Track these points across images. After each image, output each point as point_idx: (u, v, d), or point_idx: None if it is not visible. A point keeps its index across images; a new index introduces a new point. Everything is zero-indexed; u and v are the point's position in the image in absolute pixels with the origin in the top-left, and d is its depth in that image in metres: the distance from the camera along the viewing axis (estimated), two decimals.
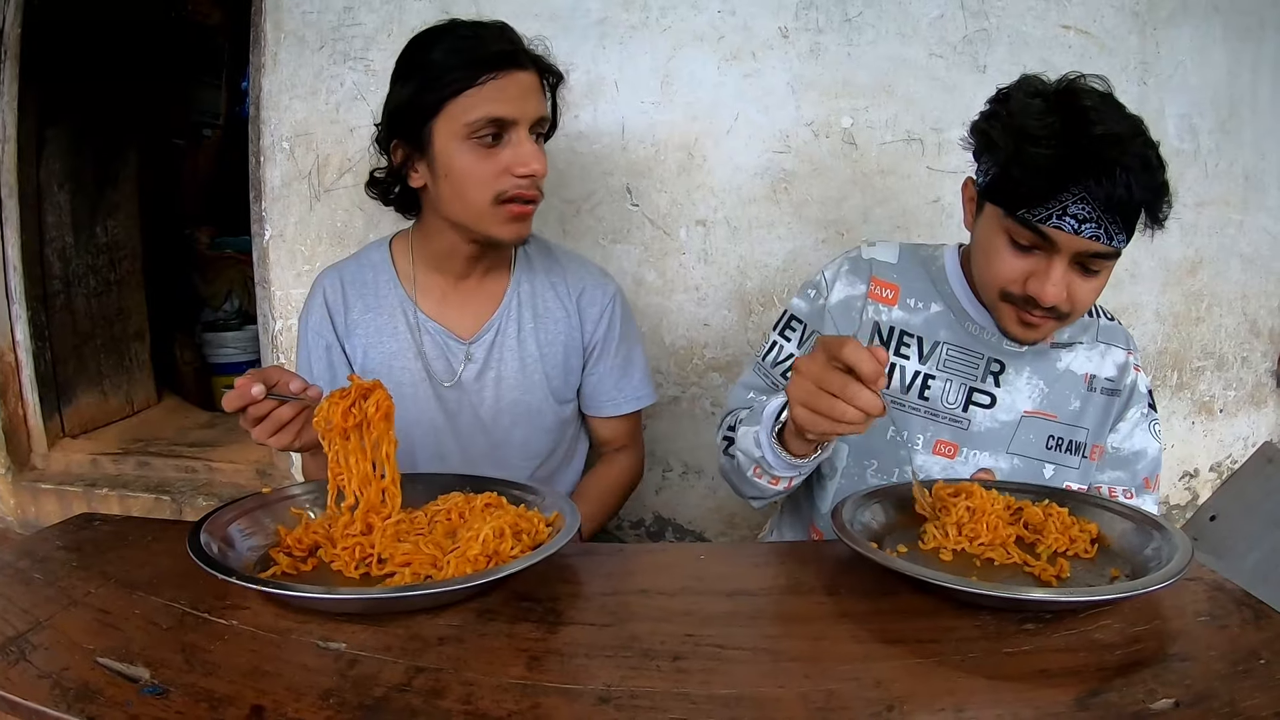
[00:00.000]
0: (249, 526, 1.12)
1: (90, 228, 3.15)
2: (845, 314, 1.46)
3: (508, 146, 1.39)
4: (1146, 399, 1.48)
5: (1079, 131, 1.15)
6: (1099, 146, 1.13)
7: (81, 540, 1.12)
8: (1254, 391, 2.80)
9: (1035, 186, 1.17)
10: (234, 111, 4.76)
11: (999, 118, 1.25)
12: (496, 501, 1.16)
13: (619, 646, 0.87)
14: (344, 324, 1.57)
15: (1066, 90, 1.22)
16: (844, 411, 1.01)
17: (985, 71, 2.24)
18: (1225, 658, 0.86)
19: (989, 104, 1.31)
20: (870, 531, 1.13)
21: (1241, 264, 2.65)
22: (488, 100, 1.36)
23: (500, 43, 1.39)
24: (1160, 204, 1.20)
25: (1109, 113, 1.18)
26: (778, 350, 1.51)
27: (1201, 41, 2.47)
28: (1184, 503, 2.76)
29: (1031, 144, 1.17)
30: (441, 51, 1.38)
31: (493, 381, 1.58)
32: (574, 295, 1.62)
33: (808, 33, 2.17)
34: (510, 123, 1.38)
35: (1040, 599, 0.94)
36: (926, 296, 1.45)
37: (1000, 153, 1.23)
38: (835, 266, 1.50)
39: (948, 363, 1.42)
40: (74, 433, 3.06)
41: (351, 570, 1.04)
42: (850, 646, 0.88)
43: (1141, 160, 1.14)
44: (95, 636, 0.86)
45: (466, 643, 0.88)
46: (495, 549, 1.02)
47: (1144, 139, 1.17)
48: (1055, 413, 1.42)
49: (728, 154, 2.21)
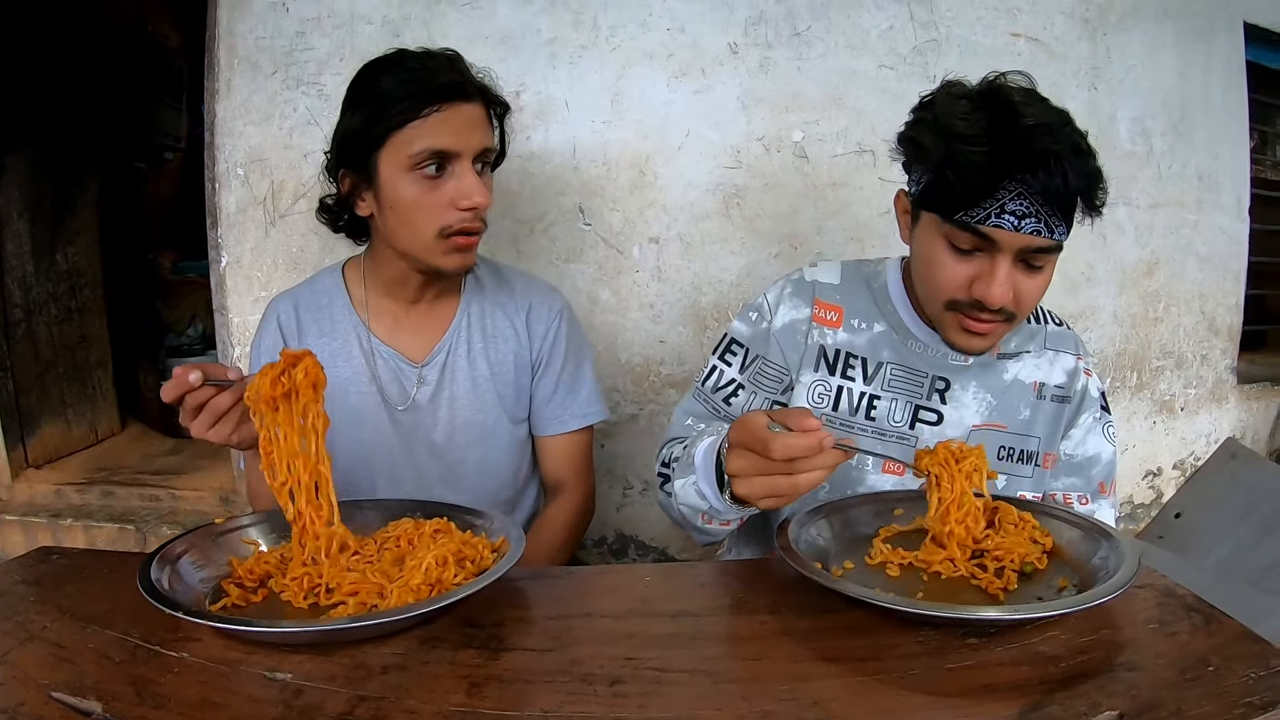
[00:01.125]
0: (200, 559, 1.11)
1: (51, 255, 3.12)
2: (790, 338, 1.44)
3: (451, 179, 1.39)
4: (1099, 402, 1.47)
5: (1009, 125, 1.14)
6: (1030, 137, 1.13)
7: (40, 574, 1.12)
8: (1214, 389, 2.83)
9: (971, 186, 1.16)
10: (195, 134, 4.68)
11: (926, 123, 1.24)
12: (445, 527, 1.16)
13: (559, 671, 0.87)
14: (298, 349, 1.55)
15: (991, 88, 1.21)
16: (808, 480, 1.00)
17: (936, 81, 2.21)
18: (1173, 665, 0.85)
19: (914, 111, 1.31)
20: (817, 548, 1.13)
21: (1198, 263, 2.68)
22: (430, 132, 1.36)
23: (446, 74, 1.39)
24: (1096, 190, 1.19)
25: (1035, 105, 1.18)
26: (718, 375, 1.49)
27: (1152, 45, 2.50)
28: (1148, 501, 2.78)
29: (962, 143, 1.16)
30: (388, 83, 1.38)
31: (446, 402, 1.57)
32: (522, 312, 1.63)
33: (757, 48, 2.18)
34: (453, 155, 1.38)
35: (980, 619, 0.93)
36: (869, 316, 1.44)
37: (931, 157, 1.21)
38: (778, 289, 1.49)
39: (892, 382, 1.41)
40: (38, 463, 3.03)
41: (300, 600, 1.03)
42: (789, 666, 0.88)
43: (1073, 147, 1.14)
44: (50, 671, 0.86)
45: (409, 670, 0.88)
46: (439, 577, 1.02)
47: (1072, 127, 1.18)
48: (1005, 423, 1.41)
49: (679, 171, 2.22)
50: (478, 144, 1.41)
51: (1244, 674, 0.82)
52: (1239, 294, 2.83)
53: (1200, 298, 2.72)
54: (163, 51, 4.31)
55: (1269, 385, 3.03)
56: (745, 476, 1.04)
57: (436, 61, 1.41)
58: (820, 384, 1.42)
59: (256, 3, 2.18)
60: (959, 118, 1.18)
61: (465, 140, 1.39)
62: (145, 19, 4.08)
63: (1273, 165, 3.26)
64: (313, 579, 1.06)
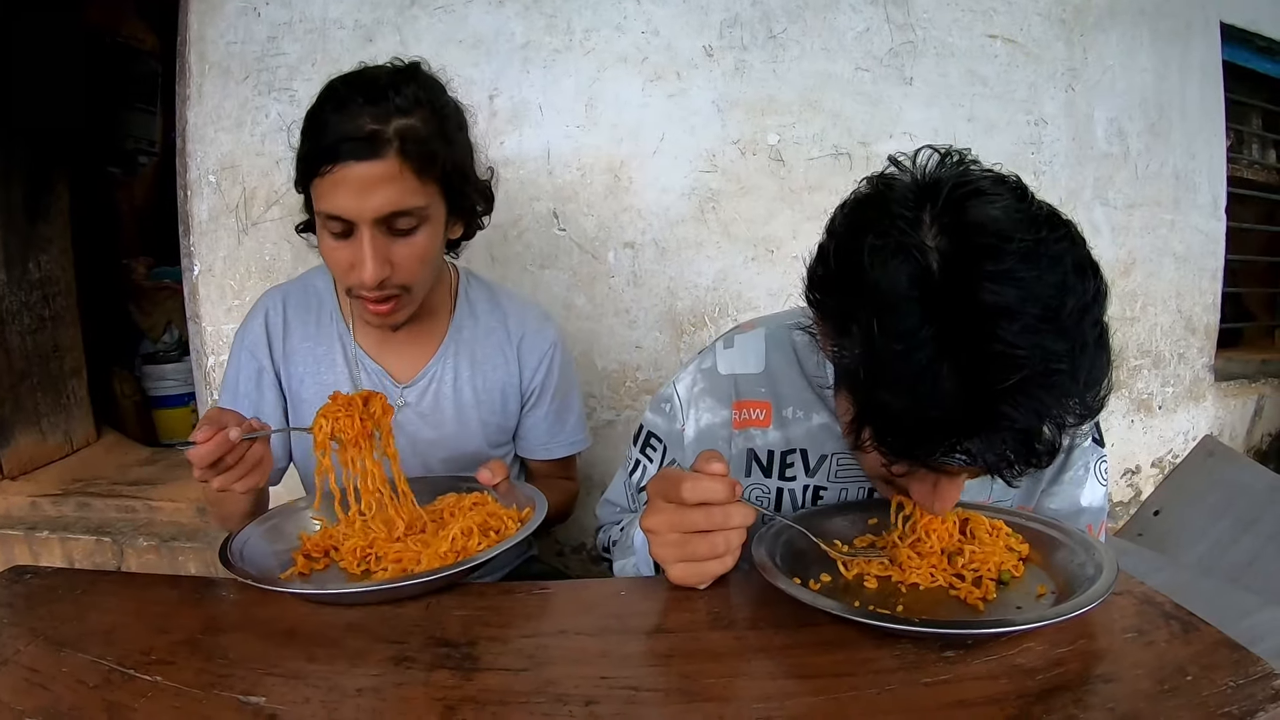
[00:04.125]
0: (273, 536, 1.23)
1: (22, 264, 3.08)
2: (709, 446, 1.25)
3: (355, 242, 1.29)
4: (1090, 451, 1.28)
5: (977, 368, 0.81)
6: (1005, 408, 0.82)
7: (14, 595, 1.10)
8: (1192, 387, 2.85)
9: (902, 445, 0.89)
10: (170, 139, 4.66)
11: (848, 310, 0.89)
12: (482, 500, 1.27)
13: (533, 692, 0.86)
14: (282, 349, 1.53)
15: (959, 252, 0.83)
16: (725, 540, 0.98)
17: (912, 84, 2.26)
18: (1152, 675, 0.84)
19: (830, 238, 0.96)
20: (793, 560, 1.11)
21: (1175, 263, 2.70)
22: (326, 194, 1.27)
23: (353, 121, 1.25)
24: (1095, 411, 0.91)
25: (1030, 304, 0.81)
26: (641, 471, 1.38)
27: (1129, 46, 2.52)
28: (1127, 499, 2.80)
29: (901, 397, 0.84)
30: (316, 122, 1.29)
31: (427, 427, 1.56)
32: (514, 342, 1.60)
33: (732, 51, 2.18)
34: (349, 221, 1.27)
35: (958, 633, 0.93)
36: (806, 405, 1.25)
37: (856, 383, 0.90)
38: (689, 382, 1.31)
39: (840, 473, 1.26)
40: (13, 474, 3.00)
41: (355, 568, 1.15)
42: (765, 684, 0.87)
43: (1070, 392, 0.85)
44: (24, 697, 0.85)
45: (383, 693, 0.87)
46: (464, 545, 1.14)
47: (1085, 339, 0.85)
48: (976, 498, 1.22)
49: (654, 175, 2.22)
50: (379, 207, 1.26)
51: (1222, 683, 0.82)
52: (1216, 292, 2.86)
53: (1177, 296, 2.74)
54: (137, 55, 4.27)
55: (1246, 382, 3.05)
56: (660, 534, 1.00)
57: (352, 105, 1.26)
58: (756, 488, 1.29)
59: (228, 7, 2.16)
60: (901, 340, 0.83)
61: (359, 205, 1.25)
62: (119, 22, 4.04)
63: (1249, 164, 3.29)
64: (364, 549, 1.17)
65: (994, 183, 0.89)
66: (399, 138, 1.25)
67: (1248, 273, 3.38)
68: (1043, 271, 0.82)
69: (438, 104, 1.34)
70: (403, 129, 1.26)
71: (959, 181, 0.88)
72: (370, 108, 1.25)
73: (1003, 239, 0.82)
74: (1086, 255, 0.89)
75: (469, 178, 1.42)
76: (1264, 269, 3.52)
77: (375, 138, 1.24)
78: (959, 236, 0.83)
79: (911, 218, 0.85)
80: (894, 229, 0.85)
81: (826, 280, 0.95)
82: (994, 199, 0.86)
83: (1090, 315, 0.85)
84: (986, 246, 0.82)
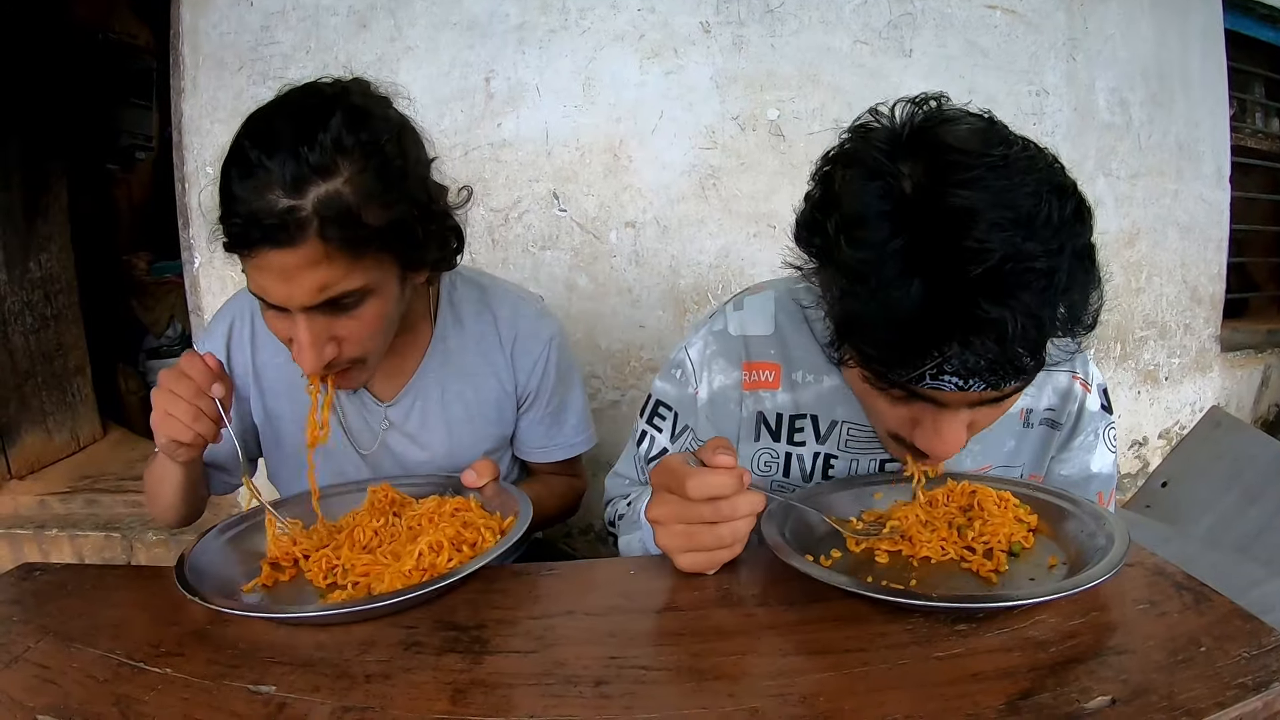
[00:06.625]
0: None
1: (23, 263, 3.09)
2: (721, 409, 1.27)
3: (292, 321, 1.12)
4: (1099, 417, 1.27)
5: (950, 275, 0.83)
6: (980, 297, 0.82)
7: (23, 593, 1.10)
8: (1198, 358, 2.84)
9: (895, 361, 0.91)
10: (167, 133, 4.66)
11: (829, 241, 0.93)
12: (465, 505, 1.18)
13: (543, 674, 0.85)
14: (247, 366, 1.40)
15: (926, 171, 0.87)
16: (732, 531, 0.96)
17: (911, 56, 2.25)
18: (1164, 647, 0.84)
19: (814, 183, 1.02)
20: (804, 535, 1.11)
21: (1179, 233, 2.69)
22: (250, 273, 1.10)
23: (262, 197, 1.02)
24: (1077, 326, 0.92)
25: (996, 206, 0.83)
26: (649, 442, 1.34)
27: (1130, 14, 2.50)
28: (1134, 471, 2.79)
29: (878, 306, 0.87)
30: (224, 190, 1.07)
31: (416, 447, 1.46)
32: (506, 345, 1.47)
33: (729, 26, 2.17)
34: (280, 306, 1.11)
35: (968, 607, 0.92)
36: (816, 368, 1.23)
37: (838, 307, 0.94)
38: (700, 345, 1.29)
39: (850, 442, 1.24)
40: (20, 474, 3.02)
41: (320, 581, 1.08)
42: (777, 661, 0.87)
43: (1043, 286, 0.84)
44: (35, 694, 0.85)
45: (393, 679, 0.86)
46: (431, 563, 1.06)
47: (1048, 230, 0.84)
48: (989, 462, 1.24)
49: (654, 153, 2.21)
50: (308, 296, 1.08)
51: (1236, 654, 0.81)
52: (1221, 262, 2.85)
53: (1182, 267, 2.73)
54: (131, 50, 4.26)
55: (1252, 353, 3.04)
56: (666, 525, 0.99)
57: (270, 162, 1.03)
58: (765, 452, 1.28)
59: None
60: (872, 250, 0.86)
61: (286, 293, 1.07)
62: (111, 18, 4.03)
63: (1252, 133, 3.27)
64: (331, 560, 1.10)
65: (965, 114, 0.93)
66: (318, 216, 1.03)
67: (1253, 242, 3.36)
68: (1013, 183, 0.84)
69: (371, 145, 1.09)
70: (323, 201, 1.03)
71: (931, 113, 0.92)
72: (282, 173, 1.02)
73: (971, 155, 0.85)
74: (1067, 180, 0.90)
75: (429, 216, 1.19)
76: (1269, 239, 3.51)
77: (289, 219, 1.02)
78: (929, 156, 0.87)
79: (886, 150, 0.90)
80: (868, 158, 0.90)
81: (811, 220, 0.99)
82: (964, 123, 0.90)
83: (1070, 229, 0.86)
84: (955, 162, 0.85)
